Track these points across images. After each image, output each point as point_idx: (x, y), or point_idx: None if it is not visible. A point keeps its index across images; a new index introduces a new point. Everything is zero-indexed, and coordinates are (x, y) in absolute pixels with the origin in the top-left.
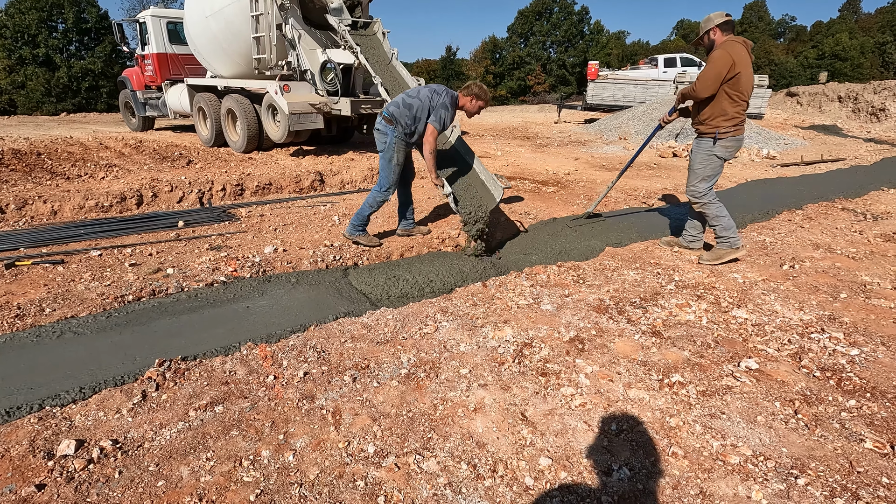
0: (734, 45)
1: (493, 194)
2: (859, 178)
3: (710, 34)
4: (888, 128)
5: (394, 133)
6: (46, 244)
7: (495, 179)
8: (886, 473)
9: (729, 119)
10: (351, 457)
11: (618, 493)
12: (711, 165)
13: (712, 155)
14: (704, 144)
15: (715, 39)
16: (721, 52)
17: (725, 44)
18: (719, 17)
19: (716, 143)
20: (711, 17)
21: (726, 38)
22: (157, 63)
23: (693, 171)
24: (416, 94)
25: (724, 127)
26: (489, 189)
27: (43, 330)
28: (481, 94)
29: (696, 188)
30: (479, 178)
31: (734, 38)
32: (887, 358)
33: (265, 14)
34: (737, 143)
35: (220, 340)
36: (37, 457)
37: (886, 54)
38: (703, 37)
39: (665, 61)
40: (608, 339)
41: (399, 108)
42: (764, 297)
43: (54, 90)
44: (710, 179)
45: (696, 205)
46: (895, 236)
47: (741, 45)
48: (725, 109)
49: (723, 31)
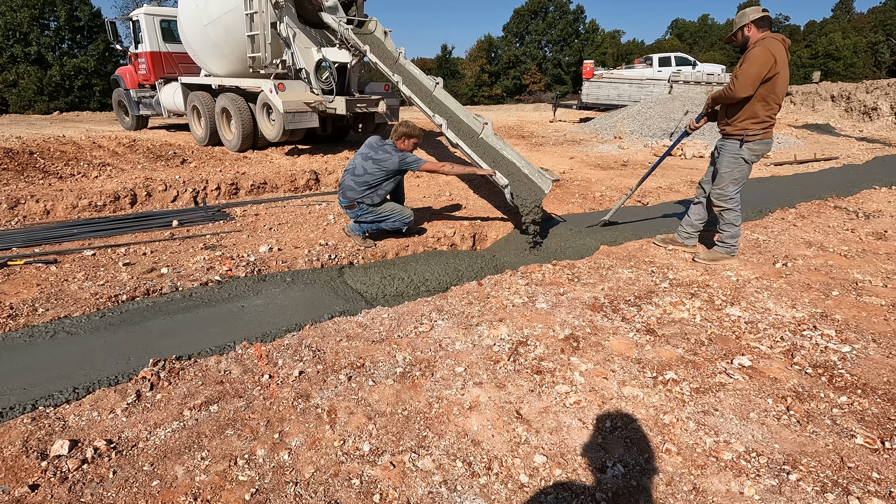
0: (774, 42)
1: (542, 186)
2: (851, 176)
3: (745, 30)
4: (880, 127)
5: (364, 210)
6: (39, 244)
7: (542, 172)
8: (877, 469)
9: (759, 122)
10: (346, 455)
11: (612, 489)
12: (739, 169)
13: (739, 158)
14: (730, 147)
15: (750, 36)
16: (762, 50)
17: (765, 41)
18: (755, 12)
19: (742, 145)
20: (746, 13)
21: (763, 34)
22: (151, 61)
23: (720, 174)
24: (361, 169)
25: (753, 129)
26: (535, 181)
27: (36, 330)
28: (408, 132)
29: (724, 191)
30: (523, 171)
31: (772, 34)
32: (878, 355)
33: (259, 12)
34: (764, 146)
35: (214, 340)
36: (30, 457)
37: (879, 54)
38: (736, 33)
39: (660, 60)
40: (603, 337)
41: (356, 191)
42: (757, 295)
43: (46, 89)
44: (738, 183)
45: (718, 207)
46: (886, 234)
47: (780, 44)
48: (757, 112)
49: (758, 27)
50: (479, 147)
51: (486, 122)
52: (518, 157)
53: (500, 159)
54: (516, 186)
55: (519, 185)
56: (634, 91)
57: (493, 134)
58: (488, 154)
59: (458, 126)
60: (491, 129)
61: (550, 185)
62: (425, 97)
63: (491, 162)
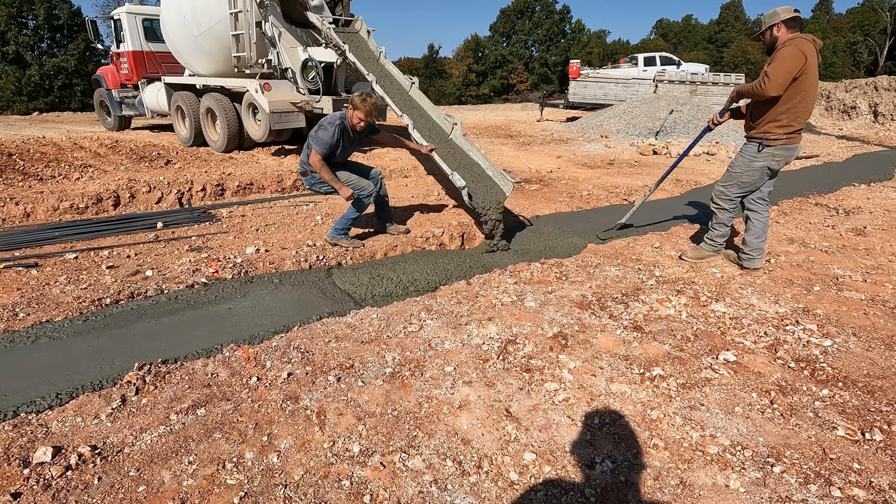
0: (805, 42)
1: (503, 189)
2: (832, 174)
3: (774, 30)
4: (859, 125)
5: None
6: (19, 247)
7: (504, 175)
8: (857, 459)
9: (782, 126)
10: (336, 456)
11: (601, 485)
12: (749, 173)
13: (755, 162)
14: (748, 150)
15: (779, 36)
16: (793, 49)
17: (796, 41)
18: (786, 11)
19: (762, 149)
20: (777, 12)
21: (793, 34)
22: (133, 61)
23: (730, 172)
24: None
25: (776, 133)
26: (497, 183)
27: (17, 335)
28: (354, 102)
29: (726, 191)
30: (487, 173)
31: (803, 35)
32: (858, 348)
33: (244, 11)
34: (787, 152)
35: (201, 343)
36: (12, 465)
37: (857, 54)
38: (765, 32)
39: (645, 60)
40: (591, 335)
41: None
42: (741, 291)
43: (25, 89)
44: (743, 187)
45: (715, 205)
46: (866, 230)
47: (811, 44)
48: (779, 113)
49: (788, 27)
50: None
51: (455, 122)
52: (483, 159)
53: (465, 160)
54: (476, 188)
55: (479, 186)
56: (620, 90)
57: (462, 135)
58: (455, 154)
59: (428, 126)
60: (460, 129)
61: (512, 187)
62: (400, 96)
63: (456, 162)
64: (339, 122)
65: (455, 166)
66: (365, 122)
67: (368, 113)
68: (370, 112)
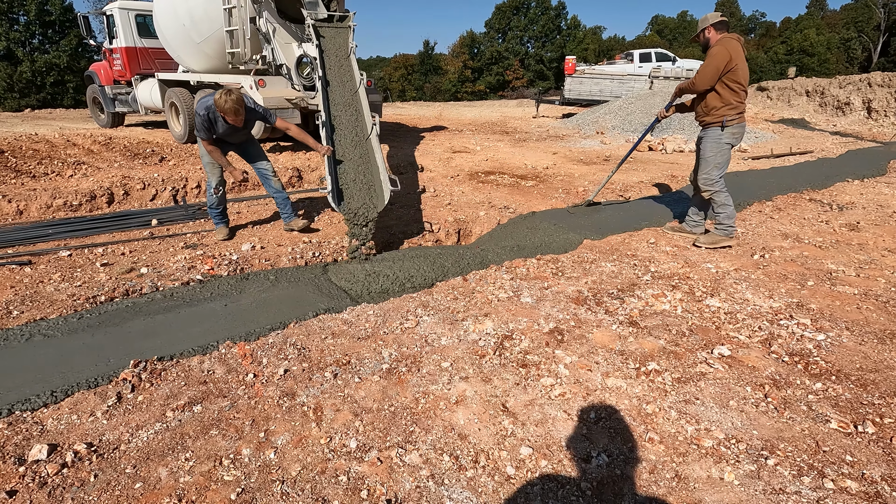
0: (729, 40)
1: (384, 196)
2: (826, 170)
3: (705, 32)
4: (853, 121)
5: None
6: (12, 245)
7: (388, 185)
8: (850, 452)
9: (733, 107)
10: (333, 452)
11: (597, 479)
12: (721, 152)
13: (721, 142)
14: (713, 133)
15: (710, 37)
16: (718, 48)
17: (722, 40)
18: (714, 17)
19: (724, 129)
20: (707, 17)
21: (720, 35)
22: (126, 57)
23: (705, 159)
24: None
25: (731, 115)
26: (378, 192)
27: (10, 333)
28: (219, 103)
29: (709, 176)
30: (380, 178)
31: (728, 35)
32: (851, 342)
33: (238, 7)
34: (741, 129)
35: (197, 339)
36: (7, 463)
37: (851, 50)
38: (699, 34)
39: (640, 56)
40: (586, 330)
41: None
42: (736, 286)
43: (17, 85)
44: (721, 167)
45: (706, 192)
46: (859, 225)
47: (735, 41)
48: (728, 99)
49: (717, 29)
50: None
51: (375, 122)
52: (382, 164)
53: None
54: (351, 193)
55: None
56: (616, 86)
57: (376, 136)
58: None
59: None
60: (377, 131)
61: (385, 202)
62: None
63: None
64: (205, 112)
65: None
66: (234, 120)
67: (228, 112)
68: (230, 112)
